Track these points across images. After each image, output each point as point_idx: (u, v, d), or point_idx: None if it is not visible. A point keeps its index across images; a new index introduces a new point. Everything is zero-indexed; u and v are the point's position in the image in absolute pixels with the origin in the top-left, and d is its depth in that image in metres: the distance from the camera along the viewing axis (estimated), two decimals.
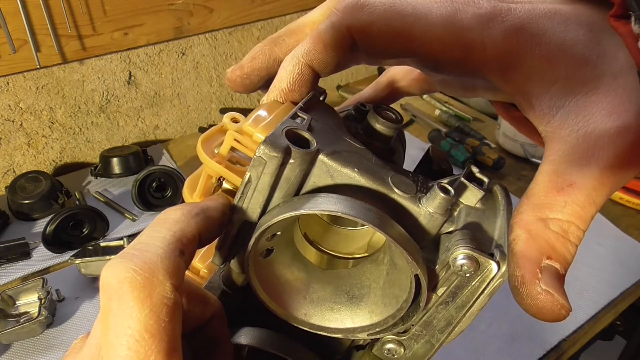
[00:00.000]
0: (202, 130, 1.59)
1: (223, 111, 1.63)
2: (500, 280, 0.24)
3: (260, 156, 0.24)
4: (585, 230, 0.23)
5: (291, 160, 0.24)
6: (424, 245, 0.25)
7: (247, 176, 0.25)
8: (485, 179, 0.27)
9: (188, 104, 1.57)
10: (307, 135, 0.25)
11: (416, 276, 0.23)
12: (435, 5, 0.27)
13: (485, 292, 0.24)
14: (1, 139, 1.29)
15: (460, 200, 0.26)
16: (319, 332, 0.27)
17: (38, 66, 1.25)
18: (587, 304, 1.01)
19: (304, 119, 0.27)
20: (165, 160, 1.44)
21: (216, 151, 0.28)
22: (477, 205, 0.26)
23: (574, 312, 1.03)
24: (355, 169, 0.25)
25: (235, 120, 0.28)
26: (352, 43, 0.29)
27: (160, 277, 0.21)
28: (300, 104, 0.28)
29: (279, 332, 0.29)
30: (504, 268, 0.23)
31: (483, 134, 1.51)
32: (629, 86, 0.24)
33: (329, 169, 0.25)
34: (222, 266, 0.28)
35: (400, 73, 0.39)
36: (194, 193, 0.29)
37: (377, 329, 0.26)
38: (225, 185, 0.29)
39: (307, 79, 0.30)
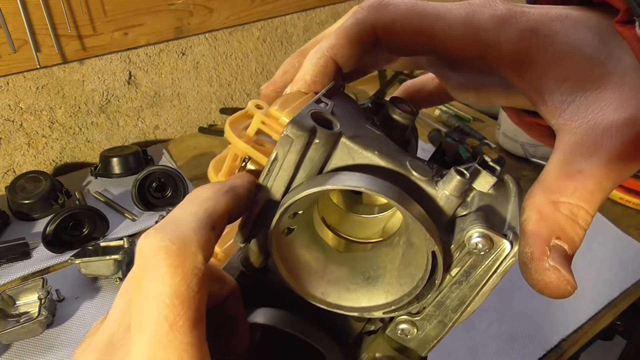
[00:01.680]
0: (202, 130, 1.59)
1: (223, 111, 1.63)
2: (512, 259, 0.25)
3: (287, 134, 0.25)
4: (593, 215, 0.24)
5: (316, 140, 0.25)
6: (440, 227, 0.26)
7: (273, 154, 0.26)
8: (498, 167, 0.28)
9: (188, 104, 1.57)
10: (331, 117, 0.27)
11: (433, 253, 0.24)
12: (454, 7, 0.29)
13: (498, 271, 0.25)
14: (1, 139, 1.30)
15: (474, 186, 0.27)
16: (335, 310, 0.28)
17: (38, 66, 1.25)
18: (587, 304, 1.01)
19: (327, 104, 0.28)
20: (165, 160, 1.44)
21: (242, 133, 0.29)
22: (490, 192, 0.27)
23: (574, 312, 1.04)
24: (376, 152, 0.26)
25: (259, 107, 0.29)
26: (375, 39, 0.31)
27: (192, 248, 0.22)
28: (323, 90, 0.30)
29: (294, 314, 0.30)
30: (516, 248, 0.24)
31: (483, 134, 1.51)
32: (634, 84, 0.26)
33: (350, 151, 0.26)
34: (241, 245, 0.30)
35: (417, 86, 0.41)
36: (219, 173, 0.30)
37: (393, 307, 0.27)
38: (250, 166, 0.30)
39: (330, 71, 0.31)
